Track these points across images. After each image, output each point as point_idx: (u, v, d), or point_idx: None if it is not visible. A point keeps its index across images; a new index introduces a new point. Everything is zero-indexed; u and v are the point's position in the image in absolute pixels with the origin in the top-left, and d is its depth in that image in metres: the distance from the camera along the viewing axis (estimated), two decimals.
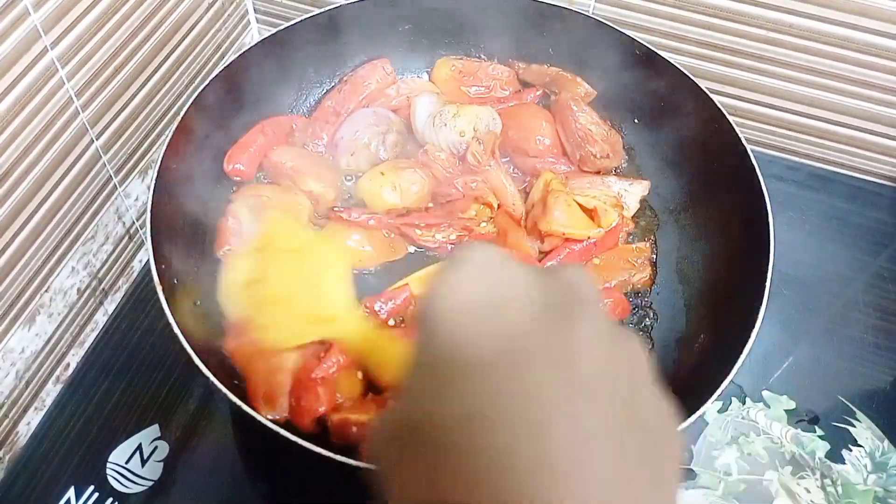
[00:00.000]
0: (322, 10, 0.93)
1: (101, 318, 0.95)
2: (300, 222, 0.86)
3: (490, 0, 0.98)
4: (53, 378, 0.89)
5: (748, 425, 0.83)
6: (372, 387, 0.76)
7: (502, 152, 0.94)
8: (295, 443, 0.60)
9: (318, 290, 0.64)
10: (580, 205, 0.86)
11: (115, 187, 0.92)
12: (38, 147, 0.77)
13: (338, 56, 1.00)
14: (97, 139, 0.86)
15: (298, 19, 0.92)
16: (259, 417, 0.62)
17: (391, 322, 0.80)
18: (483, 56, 1.04)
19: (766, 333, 0.84)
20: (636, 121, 0.98)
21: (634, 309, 0.85)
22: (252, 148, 0.91)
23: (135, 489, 0.77)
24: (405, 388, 0.32)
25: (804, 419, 0.84)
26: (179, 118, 0.80)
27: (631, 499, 0.27)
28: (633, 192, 0.91)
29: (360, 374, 0.76)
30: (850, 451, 0.82)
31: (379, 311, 0.80)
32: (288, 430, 0.61)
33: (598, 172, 0.94)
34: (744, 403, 0.85)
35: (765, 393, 0.86)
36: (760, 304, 0.70)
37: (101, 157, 0.88)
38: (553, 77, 1.00)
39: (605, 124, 0.96)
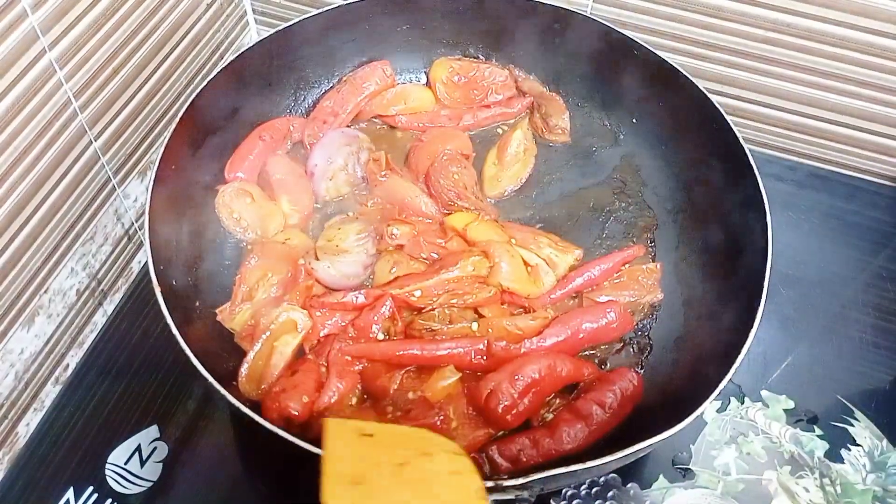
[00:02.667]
0: (320, 10, 0.93)
1: (100, 319, 0.95)
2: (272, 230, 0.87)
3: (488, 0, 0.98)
4: (53, 379, 0.89)
5: (747, 425, 0.83)
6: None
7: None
8: (293, 443, 0.60)
9: None
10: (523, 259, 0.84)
11: (113, 188, 0.92)
12: (36, 148, 0.77)
13: (336, 56, 1.00)
14: (96, 140, 0.86)
15: (297, 20, 0.92)
16: (258, 419, 0.62)
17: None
18: (481, 56, 1.04)
19: (764, 333, 0.85)
20: (634, 121, 0.98)
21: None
22: (251, 156, 0.91)
23: (134, 490, 0.77)
24: None
25: (803, 419, 0.84)
26: (178, 119, 0.80)
27: None
28: (562, 260, 0.87)
29: (358, 387, 0.76)
30: (849, 450, 0.82)
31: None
32: (286, 432, 0.61)
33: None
34: (742, 403, 0.85)
35: (763, 392, 0.86)
36: (759, 304, 0.70)
37: (99, 157, 0.88)
38: (541, 93, 1.01)
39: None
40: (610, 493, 0.77)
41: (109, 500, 0.76)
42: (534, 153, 0.98)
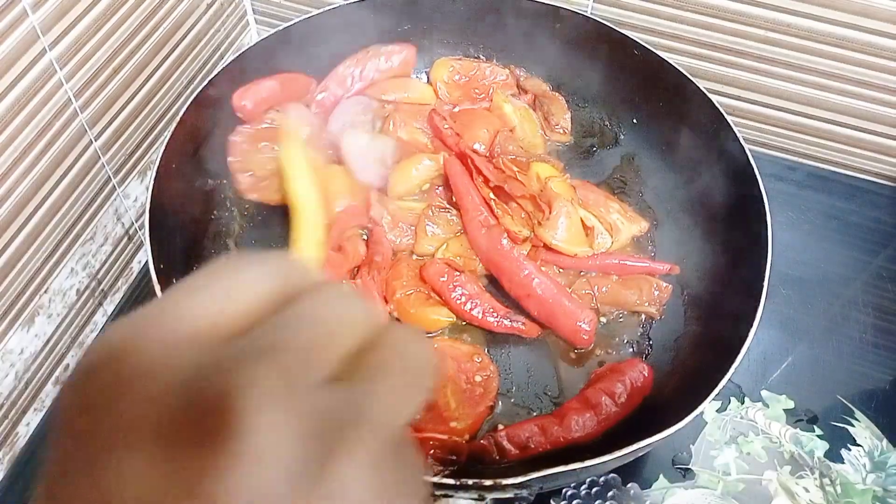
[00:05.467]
0: (321, 10, 0.93)
1: (100, 319, 0.95)
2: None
3: (488, 0, 0.98)
4: (53, 379, 0.89)
5: (747, 425, 0.83)
6: None
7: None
8: None
9: None
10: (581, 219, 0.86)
11: (114, 188, 0.92)
12: (36, 148, 0.77)
13: (337, 56, 1.00)
14: (96, 140, 0.86)
15: (297, 20, 0.92)
16: None
17: None
18: (482, 56, 1.04)
19: (764, 333, 0.85)
20: (634, 121, 0.98)
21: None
22: (264, 93, 0.90)
23: None
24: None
25: (803, 419, 0.84)
26: (178, 119, 0.80)
27: None
28: (627, 228, 0.88)
29: None
30: (849, 450, 0.82)
31: None
32: None
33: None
34: (742, 403, 0.85)
35: (763, 392, 0.86)
36: (758, 304, 0.70)
37: (100, 157, 0.88)
38: (544, 91, 1.01)
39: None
40: (610, 493, 0.77)
41: None
42: (529, 110, 1.00)
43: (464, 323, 0.82)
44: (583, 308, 0.80)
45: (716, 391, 0.64)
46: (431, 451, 0.69)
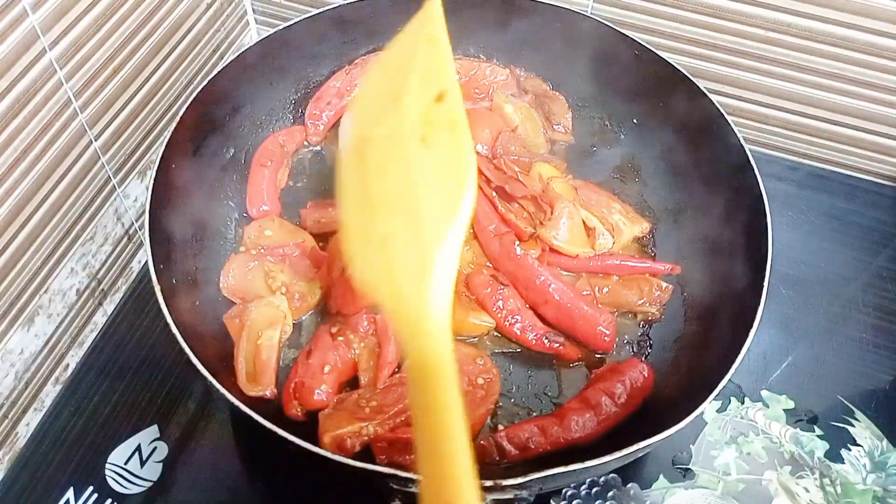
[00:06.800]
0: (320, 10, 0.93)
1: (100, 319, 0.95)
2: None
3: (488, 0, 0.98)
4: (53, 379, 0.89)
5: (747, 425, 0.83)
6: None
7: None
8: (293, 443, 0.60)
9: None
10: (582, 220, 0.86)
11: (114, 188, 0.92)
12: (36, 148, 0.77)
13: (336, 56, 1.00)
14: (96, 140, 0.86)
15: (297, 19, 0.92)
16: (258, 418, 0.62)
17: None
18: (482, 56, 1.04)
19: (764, 333, 0.85)
20: (635, 121, 0.98)
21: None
22: (264, 185, 0.91)
23: (134, 490, 0.77)
24: None
25: (803, 419, 0.84)
26: (178, 119, 0.80)
27: None
28: (628, 229, 0.88)
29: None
30: (849, 450, 0.82)
31: None
32: (287, 431, 0.61)
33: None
34: (742, 403, 0.85)
35: (764, 392, 0.86)
36: (758, 304, 0.70)
37: (99, 157, 0.88)
38: (545, 91, 1.01)
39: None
40: (610, 493, 0.77)
41: (109, 500, 0.76)
42: (530, 110, 0.99)
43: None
44: (602, 312, 0.80)
45: (716, 391, 0.64)
46: None
